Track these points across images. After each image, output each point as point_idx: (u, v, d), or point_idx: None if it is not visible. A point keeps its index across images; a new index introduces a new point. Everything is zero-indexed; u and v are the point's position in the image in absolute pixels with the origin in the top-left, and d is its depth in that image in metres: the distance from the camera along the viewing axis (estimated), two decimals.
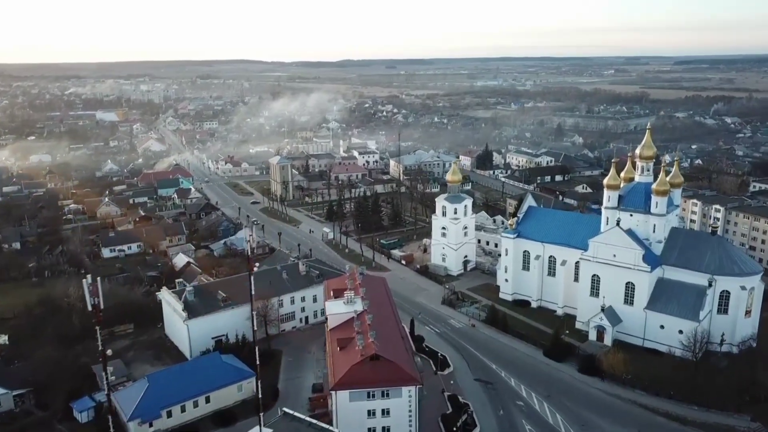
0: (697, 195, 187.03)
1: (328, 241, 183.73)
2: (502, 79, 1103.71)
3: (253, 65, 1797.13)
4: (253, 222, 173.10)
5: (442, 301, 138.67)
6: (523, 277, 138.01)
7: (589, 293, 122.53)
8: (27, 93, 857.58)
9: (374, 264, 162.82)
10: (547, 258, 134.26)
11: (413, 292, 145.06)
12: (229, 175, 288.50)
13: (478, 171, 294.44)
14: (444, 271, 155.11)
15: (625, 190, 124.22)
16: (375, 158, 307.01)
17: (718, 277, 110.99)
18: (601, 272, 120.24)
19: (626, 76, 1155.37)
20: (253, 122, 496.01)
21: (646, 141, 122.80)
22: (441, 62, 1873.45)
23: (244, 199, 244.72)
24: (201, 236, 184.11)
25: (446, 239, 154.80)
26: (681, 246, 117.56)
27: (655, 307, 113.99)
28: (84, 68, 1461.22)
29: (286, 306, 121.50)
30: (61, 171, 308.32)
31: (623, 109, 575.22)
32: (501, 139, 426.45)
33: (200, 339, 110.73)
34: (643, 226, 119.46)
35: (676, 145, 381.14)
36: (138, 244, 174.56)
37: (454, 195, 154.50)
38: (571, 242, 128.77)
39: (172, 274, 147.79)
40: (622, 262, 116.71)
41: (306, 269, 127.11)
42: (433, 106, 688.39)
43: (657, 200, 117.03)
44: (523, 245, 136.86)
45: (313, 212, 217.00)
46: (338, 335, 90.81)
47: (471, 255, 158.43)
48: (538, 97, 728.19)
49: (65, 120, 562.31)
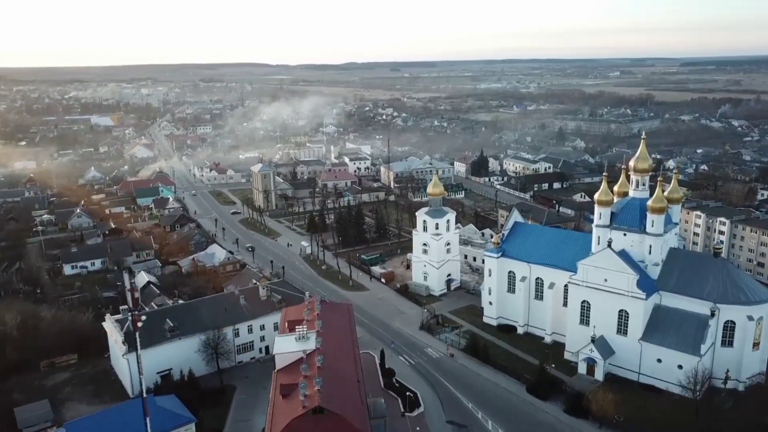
0: (700, 206, 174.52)
1: (305, 257, 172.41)
2: (505, 81, 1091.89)
3: (258, 68, 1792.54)
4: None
5: (420, 326, 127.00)
6: (508, 300, 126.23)
7: (579, 321, 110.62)
8: (26, 97, 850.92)
9: (351, 283, 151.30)
10: (533, 280, 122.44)
11: (390, 316, 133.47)
12: (214, 182, 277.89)
13: (473, 178, 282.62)
14: (425, 291, 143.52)
15: (618, 206, 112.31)
16: (366, 164, 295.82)
17: (722, 306, 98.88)
18: (592, 298, 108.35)
19: (632, 77, 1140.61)
20: (247, 127, 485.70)
21: (641, 152, 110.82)
22: (445, 64, 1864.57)
23: (225, 208, 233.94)
24: (170, 251, 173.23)
25: (427, 256, 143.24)
26: (680, 270, 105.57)
27: (652, 339, 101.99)
28: (88, 72, 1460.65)
29: (243, 335, 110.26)
30: (43, 178, 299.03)
31: (627, 112, 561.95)
32: (501, 144, 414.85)
33: (144, 374, 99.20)
34: (638, 246, 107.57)
35: (680, 149, 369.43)
36: (102, 260, 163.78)
37: (435, 209, 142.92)
38: (560, 263, 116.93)
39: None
40: (614, 288, 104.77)
41: (267, 293, 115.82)
42: (435, 109, 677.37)
43: (653, 218, 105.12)
44: (508, 265, 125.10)
45: (294, 223, 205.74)
46: (283, 379, 79.30)
47: (455, 273, 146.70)
48: (541, 99, 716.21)
49: (60, 125, 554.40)
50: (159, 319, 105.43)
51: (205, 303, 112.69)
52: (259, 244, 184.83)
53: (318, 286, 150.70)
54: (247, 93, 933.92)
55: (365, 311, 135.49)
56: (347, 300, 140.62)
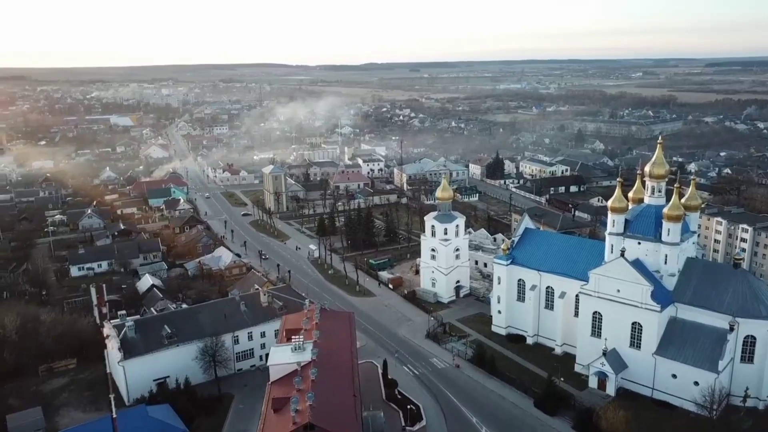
0: (722, 212, 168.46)
1: (313, 260, 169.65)
2: (525, 82, 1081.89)
3: (277, 69, 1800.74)
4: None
5: (427, 334, 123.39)
6: (517, 308, 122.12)
7: (590, 333, 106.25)
8: (49, 97, 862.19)
9: (358, 288, 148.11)
10: (544, 288, 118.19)
11: (396, 323, 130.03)
12: (227, 183, 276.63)
13: (488, 180, 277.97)
14: (433, 298, 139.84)
15: (633, 213, 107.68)
16: (380, 166, 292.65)
17: (742, 320, 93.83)
18: (603, 309, 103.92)
19: (654, 78, 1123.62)
20: (263, 127, 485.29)
21: (657, 156, 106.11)
22: (465, 65, 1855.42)
23: (236, 210, 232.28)
24: (178, 253, 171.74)
25: (436, 262, 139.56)
26: (698, 281, 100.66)
27: (666, 353, 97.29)
28: (111, 72, 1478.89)
29: (242, 343, 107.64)
30: (59, 178, 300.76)
31: (649, 114, 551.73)
32: (518, 145, 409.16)
33: (139, 382, 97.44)
34: (653, 256, 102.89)
35: (703, 152, 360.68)
36: (109, 262, 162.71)
37: (444, 213, 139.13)
38: (571, 272, 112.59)
39: (134, 299, 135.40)
40: (627, 299, 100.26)
41: (268, 300, 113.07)
42: (453, 110, 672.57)
43: (669, 227, 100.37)
44: (518, 273, 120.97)
45: (304, 226, 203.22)
46: (276, 392, 76.34)
47: (464, 280, 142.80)
48: (560, 100, 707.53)
49: (80, 125, 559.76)
50: (157, 325, 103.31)
51: (205, 309, 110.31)
52: (268, 247, 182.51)
53: (324, 291, 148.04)
54: (265, 93, 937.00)
55: (371, 318, 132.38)
56: (352, 306, 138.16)
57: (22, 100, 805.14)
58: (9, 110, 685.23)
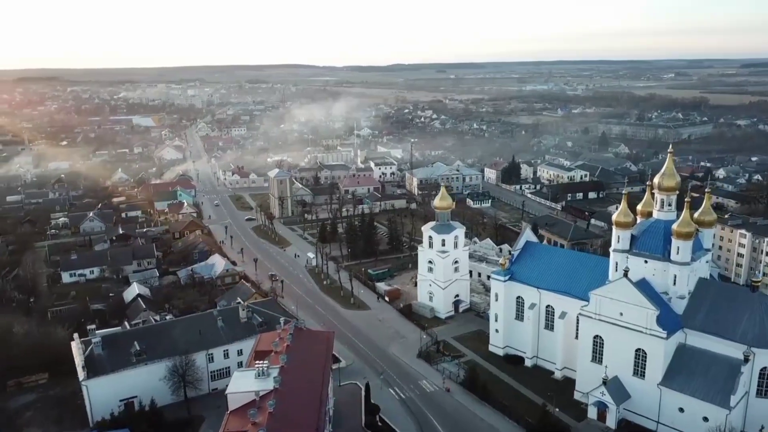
0: (746, 224, 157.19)
1: (311, 269, 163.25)
2: (552, 83, 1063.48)
3: (304, 69, 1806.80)
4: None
5: (418, 353, 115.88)
6: (516, 328, 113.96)
7: (591, 358, 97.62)
8: (77, 97, 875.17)
9: (353, 300, 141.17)
10: (543, 307, 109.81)
11: (388, 340, 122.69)
12: (235, 186, 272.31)
13: (503, 185, 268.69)
14: (430, 313, 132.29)
15: (640, 228, 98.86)
16: (392, 170, 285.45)
17: (758, 351, 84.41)
18: (605, 333, 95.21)
19: (687, 80, 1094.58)
20: (281, 129, 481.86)
21: (668, 167, 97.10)
22: (493, 66, 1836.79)
23: (242, 214, 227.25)
24: (173, 260, 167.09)
25: (433, 275, 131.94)
26: (710, 304, 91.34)
27: (673, 384, 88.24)
28: (142, 73, 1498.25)
29: (218, 361, 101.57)
30: (72, 179, 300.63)
31: (679, 116, 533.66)
32: (539, 149, 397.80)
33: (105, 402, 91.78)
34: (661, 276, 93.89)
35: (733, 157, 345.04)
36: (101, 268, 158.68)
37: (442, 223, 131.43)
38: (573, 290, 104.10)
39: (120, 308, 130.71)
40: (630, 323, 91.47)
41: (247, 315, 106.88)
42: (476, 111, 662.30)
43: (678, 244, 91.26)
44: (516, 290, 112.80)
45: (306, 232, 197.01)
46: (232, 424, 69.98)
47: (464, 294, 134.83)
48: (587, 102, 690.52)
49: (102, 125, 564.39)
50: (126, 341, 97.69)
51: (179, 324, 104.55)
52: (267, 254, 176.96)
53: (317, 302, 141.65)
54: (290, 94, 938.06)
55: (362, 333, 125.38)
56: (344, 320, 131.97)
57: (51, 101, 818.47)
58: (37, 110, 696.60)
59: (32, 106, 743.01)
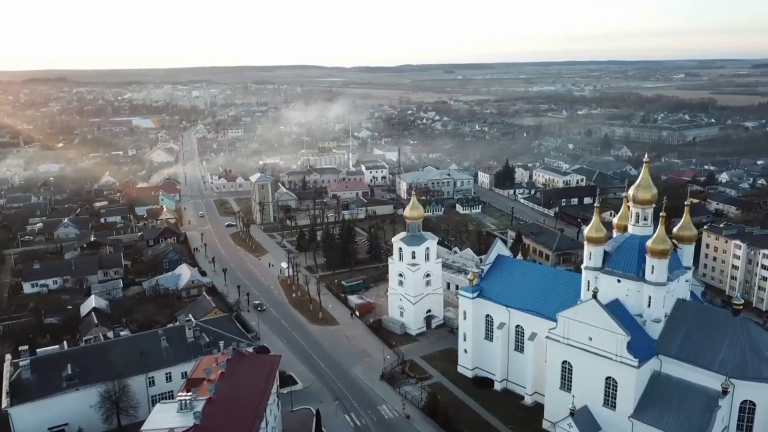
0: (742, 234, 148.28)
1: (283, 280, 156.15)
2: (560, 84, 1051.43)
3: (313, 70, 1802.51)
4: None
5: (381, 374, 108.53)
6: (485, 348, 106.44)
7: (559, 385, 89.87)
8: (82, 99, 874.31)
9: (321, 315, 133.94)
10: (513, 327, 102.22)
11: (353, 359, 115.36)
12: (222, 190, 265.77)
13: (497, 190, 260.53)
14: (400, 329, 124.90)
15: (614, 244, 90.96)
16: (383, 174, 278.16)
17: (738, 382, 76.46)
18: (574, 359, 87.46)
19: (697, 80, 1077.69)
20: (279, 130, 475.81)
21: (643, 178, 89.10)
22: (502, 66, 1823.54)
23: (223, 220, 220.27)
24: (141, 269, 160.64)
25: (403, 289, 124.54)
26: (688, 329, 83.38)
27: (645, 417, 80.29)
28: (150, 74, 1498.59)
29: (159, 384, 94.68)
30: (59, 183, 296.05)
31: (685, 118, 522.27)
32: (540, 151, 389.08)
33: (31, 431, 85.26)
34: (635, 297, 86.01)
35: (738, 160, 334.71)
36: (64, 279, 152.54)
37: (413, 234, 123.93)
38: (543, 310, 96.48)
39: (74, 322, 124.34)
40: (600, 349, 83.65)
41: (195, 335, 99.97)
42: (480, 112, 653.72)
43: (653, 263, 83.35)
44: (485, 308, 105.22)
45: (285, 239, 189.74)
46: None
47: (436, 309, 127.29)
48: (593, 103, 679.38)
49: (102, 126, 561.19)
50: (59, 364, 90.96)
51: (119, 345, 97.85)
52: (241, 263, 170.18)
53: (285, 317, 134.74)
54: (295, 95, 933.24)
55: (325, 352, 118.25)
56: (310, 337, 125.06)
57: (56, 102, 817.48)
58: (40, 111, 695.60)
59: (35, 107, 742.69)
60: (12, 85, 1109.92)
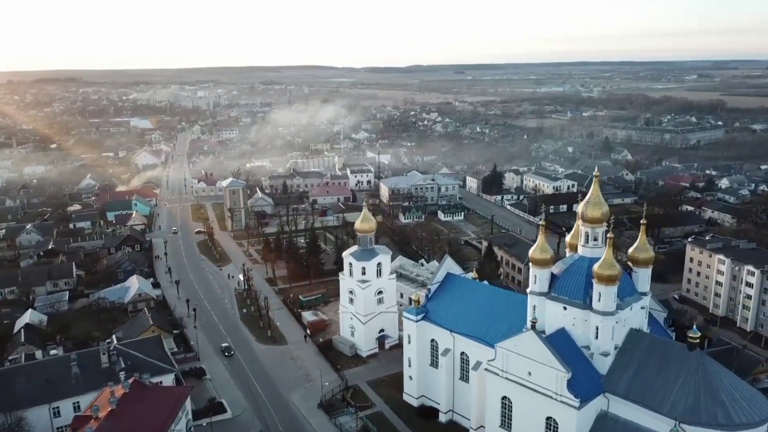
0: (728, 248, 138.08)
1: (239, 293, 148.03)
2: (569, 85, 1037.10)
3: (322, 71, 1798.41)
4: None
5: (320, 402, 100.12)
6: (431, 375, 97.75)
7: (499, 422, 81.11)
8: (86, 99, 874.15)
9: (270, 333, 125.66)
10: (458, 354, 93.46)
11: (293, 384, 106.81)
12: (201, 194, 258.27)
13: (485, 196, 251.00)
14: (350, 350, 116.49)
15: (563, 266, 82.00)
16: (368, 178, 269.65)
17: (688, 428, 67.36)
18: (513, 395, 78.70)
19: (709, 81, 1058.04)
20: (272, 132, 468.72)
21: (593, 194, 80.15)
22: (513, 67, 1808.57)
23: (196, 226, 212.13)
24: (95, 280, 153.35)
25: (354, 307, 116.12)
26: (639, 364, 74.37)
27: None
28: (161, 74, 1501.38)
29: (65, 415, 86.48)
30: (41, 185, 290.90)
31: (692, 120, 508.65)
32: (537, 155, 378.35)
33: None
34: (582, 327, 77.11)
35: (741, 165, 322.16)
36: (10, 290, 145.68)
37: (364, 249, 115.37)
38: (488, 336, 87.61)
39: (4, 340, 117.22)
40: (539, 386, 74.87)
41: (110, 359, 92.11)
42: (484, 113, 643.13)
43: (600, 290, 74.44)
44: (430, 332, 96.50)
45: (252, 248, 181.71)
46: None
47: (390, 328, 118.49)
48: (600, 105, 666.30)
49: (100, 127, 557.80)
50: None
51: (23, 371, 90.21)
52: (201, 274, 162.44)
53: (232, 334, 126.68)
54: (302, 96, 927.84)
55: (266, 375, 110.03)
56: (254, 356, 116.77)
57: (60, 102, 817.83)
58: (44, 111, 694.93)
59: (39, 107, 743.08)
60: (22, 85, 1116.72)
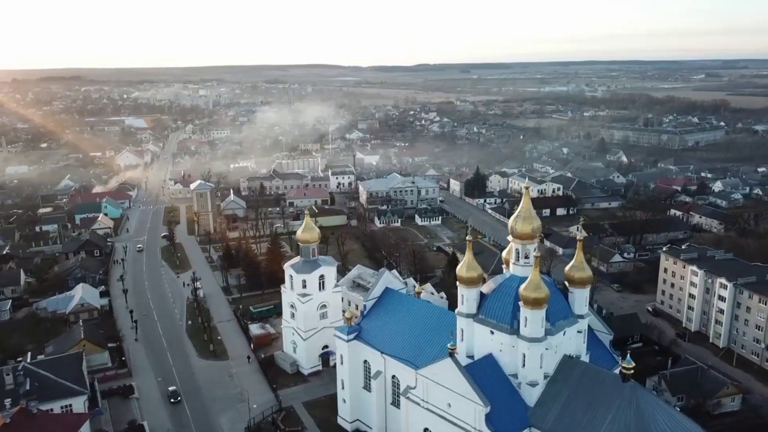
0: (702, 258, 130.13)
1: (190, 302, 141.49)
2: (573, 84, 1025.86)
3: (329, 70, 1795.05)
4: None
5: (247, 426, 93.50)
6: (364, 399, 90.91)
7: None
8: (87, 97, 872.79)
9: (212, 347, 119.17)
10: (389, 377, 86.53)
11: (224, 405, 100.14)
12: (178, 196, 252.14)
13: (467, 199, 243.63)
14: (291, 368, 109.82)
15: (493, 285, 74.91)
16: (349, 180, 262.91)
17: None
18: (434, 428, 71.73)
19: (716, 81, 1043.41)
20: (263, 131, 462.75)
21: (524, 207, 72.95)
22: (519, 66, 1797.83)
23: (164, 230, 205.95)
24: (44, 288, 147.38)
25: (295, 322, 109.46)
26: (569, 395, 67.25)
27: None
28: (167, 73, 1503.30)
29: None
30: (20, 186, 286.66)
31: (694, 120, 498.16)
32: (531, 156, 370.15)
33: None
34: (510, 353, 70.04)
35: (738, 167, 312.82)
36: None
37: (306, 260, 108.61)
38: (417, 360, 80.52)
39: None
40: (458, 419, 67.92)
41: (16, 381, 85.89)
42: (484, 113, 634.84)
43: (527, 314, 67.38)
44: (362, 352, 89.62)
45: (214, 254, 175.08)
46: None
47: (335, 344, 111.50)
48: (602, 104, 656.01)
49: (95, 126, 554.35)
50: None
51: None
52: (156, 281, 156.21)
53: (173, 348, 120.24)
54: (304, 95, 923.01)
55: (197, 394, 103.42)
56: (190, 372, 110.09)
57: (61, 100, 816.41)
58: (43, 110, 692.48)
59: (39, 106, 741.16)
60: (26, 83, 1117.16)
